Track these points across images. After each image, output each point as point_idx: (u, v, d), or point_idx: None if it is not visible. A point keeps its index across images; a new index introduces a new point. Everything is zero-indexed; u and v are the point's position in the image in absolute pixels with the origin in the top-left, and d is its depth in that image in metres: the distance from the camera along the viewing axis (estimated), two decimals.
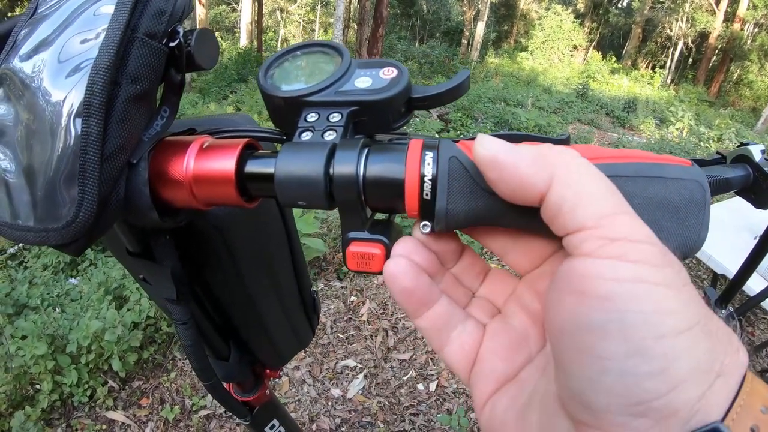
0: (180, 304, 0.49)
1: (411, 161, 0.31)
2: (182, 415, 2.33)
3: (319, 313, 0.81)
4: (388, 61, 0.39)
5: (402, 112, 0.39)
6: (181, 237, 0.49)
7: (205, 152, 0.37)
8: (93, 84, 0.33)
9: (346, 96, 0.38)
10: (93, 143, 0.32)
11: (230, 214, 0.49)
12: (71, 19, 0.36)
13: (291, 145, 0.35)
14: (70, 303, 2.68)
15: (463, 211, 0.31)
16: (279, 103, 0.39)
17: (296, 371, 2.59)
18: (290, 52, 0.43)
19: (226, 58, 13.51)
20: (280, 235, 0.63)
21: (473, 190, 0.30)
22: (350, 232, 0.35)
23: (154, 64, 0.35)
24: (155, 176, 0.37)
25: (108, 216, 0.35)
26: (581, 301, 0.24)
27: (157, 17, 0.36)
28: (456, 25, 26.41)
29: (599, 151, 0.31)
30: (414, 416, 2.40)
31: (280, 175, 0.34)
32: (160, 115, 0.38)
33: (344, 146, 0.33)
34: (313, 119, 0.37)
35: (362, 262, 0.34)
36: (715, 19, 23.27)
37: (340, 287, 3.24)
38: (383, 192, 0.32)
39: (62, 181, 0.33)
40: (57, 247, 0.35)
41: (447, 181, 0.30)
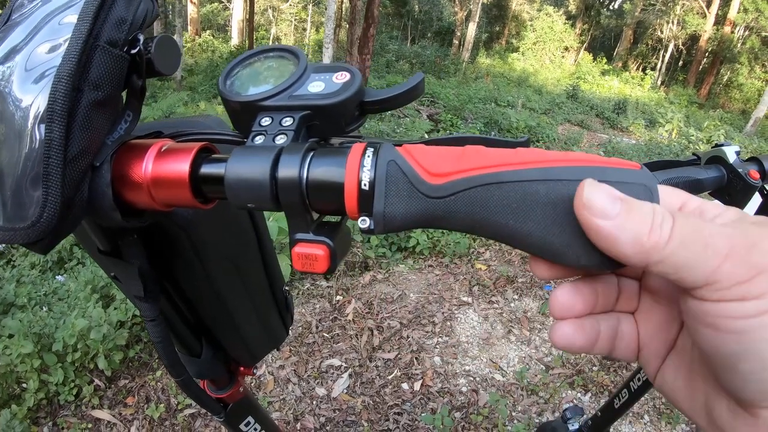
0: (148, 302, 0.51)
1: (351, 165, 0.33)
2: (167, 414, 2.33)
3: (293, 312, 0.82)
4: (342, 66, 0.41)
5: (355, 115, 0.40)
6: (148, 236, 0.51)
7: (163, 156, 0.39)
8: (56, 91, 0.34)
9: (299, 100, 0.39)
10: (55, 148, 0.34)
11: (196, 215, 0.51)
12: (39, 27, 0.38)
13: (241, 149, 0.36)
14: (57, 302, 2.68)
15: (400, 213, 0.32)
16: (236, 108, 0.41)
17: (281, 370, 2.60)
18: (250, 57, 0.45)
19: (217, 57, 13.46)
20: (248, 235, 0.64)
21: (410, 194, 0.31)
22: (296, 234, 0.36)
23: (115, 71, 0.37)
24: (117, 178, 0.39)
25: (73, 216, 0.37)
26: (718, 334, 0.26)
27: (118, 26, 0.37)
28: (447, 25, 26.43)
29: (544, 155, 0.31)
30: (398, 415, 2.42)
31: (230, 177, 0.35)
32: (124, 119, 0.40)
33: (289, 150, 0.35)
34: (267, 123, 0.39)
35: (307, 262, 0.36)
36: (705, 21, 23.39)
37: (326, 287, 3.25)
38: (325, 195, 0.34)
39: (28, 183, 0.35)
40: (24, 245, 0.37)
41: (385, 184, 0.32)
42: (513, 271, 3.65)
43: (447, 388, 2.60)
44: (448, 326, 3.06)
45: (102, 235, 0.48)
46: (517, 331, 3.06)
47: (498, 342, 2.97)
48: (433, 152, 0.33)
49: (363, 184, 0.32)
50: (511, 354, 2.88)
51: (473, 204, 0.30)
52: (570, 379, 2.70)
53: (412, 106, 8.40)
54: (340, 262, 0.37)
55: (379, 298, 3.21)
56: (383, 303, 3.19)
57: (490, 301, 3.33)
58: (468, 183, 0.30)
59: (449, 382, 2.65)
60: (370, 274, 3.45)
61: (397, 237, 3.75)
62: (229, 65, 0.44)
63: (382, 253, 3.63)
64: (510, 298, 3.36)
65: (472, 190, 0.30)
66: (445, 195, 0.31)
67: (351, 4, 9.83)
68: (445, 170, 0.31)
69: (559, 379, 2.70)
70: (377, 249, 3.60)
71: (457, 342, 2.94)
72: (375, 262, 3.56)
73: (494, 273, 3.61)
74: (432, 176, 0.31)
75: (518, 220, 0.30)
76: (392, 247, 3.73)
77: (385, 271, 3.52)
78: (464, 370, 2.73)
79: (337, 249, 0.36)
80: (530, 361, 2.83)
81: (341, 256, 0.37)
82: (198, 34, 18.69)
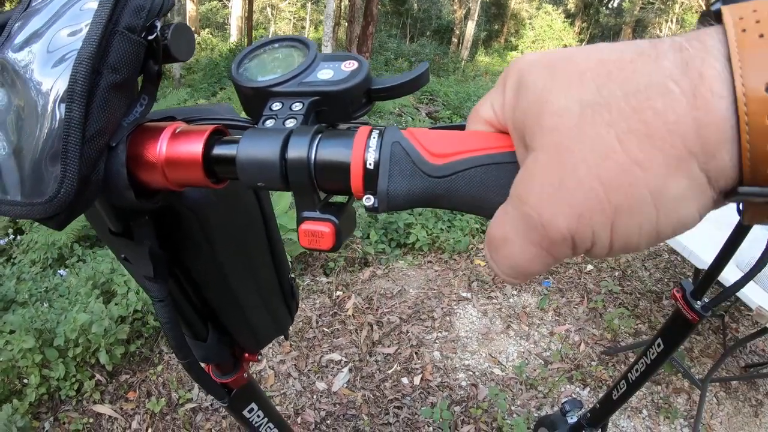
0: (157, 282, 0.52)
1: (357, 146, 0.34)
2: (168, 408, 2.34)
3: (298, 299, 0.83)
4: (351, 55, 0.42)
5: (362, 102, 0.42)
6: (159, 218, 0.52)
7: (177, 137, 0.41)
8: (76, 73, 0.36)
9: (308, 87, 0.41)
10: (75, 126, 0.36)
11: (206, 198, 0.52)
12: (60, 13, 0.40)
13: (253, 131, 0.38)
14: (58, 298, 2.69)
15: (403, 192, 0.33)
16: (248, 93, 0.43)
17: (282, 365, 2.62)
18: (262, 46, 0.47)
19: (216, 55, 13.44)
20: (256, 221, 0.65)
21: (413, 173, 0.33)
22: (304, 212, 0.37)
23: (133, 56, 0.39)
24: (132, 158, 0.41)
25: (88, 194, 0.38)
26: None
27: (137, 12, 0.39)
28: (447, 23, 26.40)
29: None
30: (398, 409, 2.44)
31: (242, 158, 0.37)
32: (140, 102, 0.41)
33: (299, 132, 0.36)
34: (277, 108, 0.40)
35: (313, 239, 0.37)
36: None
37: (326, 282, 3.26)
38: (332, 175, 0.35)
39: (47, 160, 0.37)
40: (40, 220, 0.38)
41: (389, 164, 0.33)
42: None
43: (446, 383, 2.61)
44: (448, 321, 3.07)
45: (114, 216, 0.49)
46: (516, 326, 3.07)
47: (497, 337, 2.98)
48: (435, 135, 0.34)
49: (368, 164, 0.34)
50: (510, 349, 2.90)
51: (472, 183, 0.32)
52: (569, 373, 2.71)
53: (411, 104, 8.40)
54: (345, 239, 0.39)
55: (378, 294, 3.23)
56: (383, 298, 3.20)
57: (489, 297, 3.34)
58: (468, 163, 0.32)
59: (449, 376, 2.66)
60: (370, 269, 3.47)
61: (396, 233, 3.76)
62: (242, 53, 0.46)
63: (382, 249, 3.64)
64: (509, 294, 3.38)
65: (471, 170, 0.32)
66: (447, 174, 0.32)
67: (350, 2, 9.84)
68: (446, 151, 0.32)
69: (557, 373, 2.71)
70: (377, 245, 3.61)
71: (457, 337, 2.95)
72: (374, 258, 3.58)
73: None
74: (434, 157, 0.33)
75: None
76: (392, 243, 3.74)
77: (385, 267, 3.54)
78: (463, 365, 2.75)
79: (342, 227, 0.37)
80: (529, 355, 2.85)
81: (346, 234, 0.39)
82: (197, 32, 18.67)
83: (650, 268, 3.81)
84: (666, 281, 3.63)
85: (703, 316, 1.18)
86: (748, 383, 2.77)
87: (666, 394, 2.62)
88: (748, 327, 3.20)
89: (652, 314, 3.20)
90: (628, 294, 3.43)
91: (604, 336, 3.02)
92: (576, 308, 3.26)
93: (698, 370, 2.78)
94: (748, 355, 3.01)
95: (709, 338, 3.04)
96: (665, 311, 3.24)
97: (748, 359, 2.96)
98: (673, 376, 2.71)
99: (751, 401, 2.66)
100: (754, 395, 2.70)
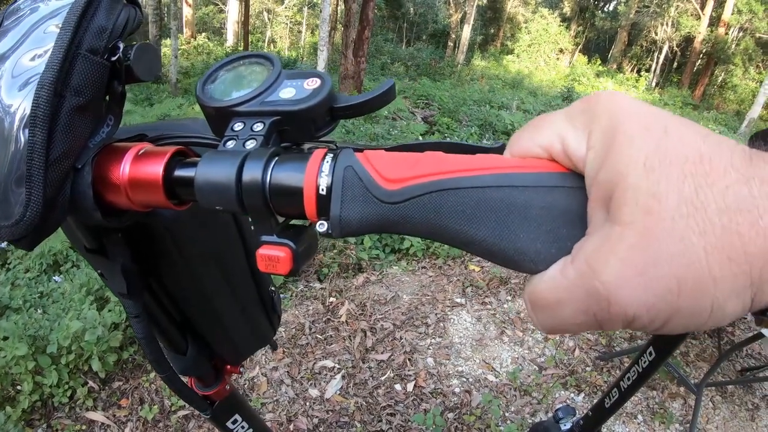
0: (131, 299, 0.52)
1: (310, 170, 0.34)
2: (161, 416, 2.34)
3: (280, 312, 0.83)
4: (314, 72, 0.42)
5: (326, 120, 0.41)
6: (133, 235, 0.52)
7: (140, 159, 0.41)
8: (38, 97, 0.36)
9: (270, 106, 0.40)
10: (38, 150, 0.36)
11: (178, 214, 0.52)
12: (25, 37, 0.40)
13: (211, 153, 0.38)
14: (52, 304, 2.68)
15: (355, 218, 0.32)
16: (211, 113, 0.42)
17: (274, 372, 2.61)
18: (227, 63, 0.46)
19: (213, 59, 13.45)
20: (232, 234, 0.65)
21: (365, 199, 0.32)
22: (261, 236, 0.37)
23: (96, 78, 0.39)
24: (98, 180, 0.41)
25: (55, 215, 0.39)
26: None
27: (99, 34, 0.39)
28: (443, 27, 26.48)
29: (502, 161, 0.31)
30: (391, 416, 2.43)
31: (199, 181, 0.37)
32: (106, 123, 0.41)
33: (254, 156, 0.36)
34: (239, 128, 0.40)
35: (270, 263, 0.37)
36: (700, 23, 23.47)
37: (320, 288, 3.26)
38: (286, 199, 0.35)
39: (13, 183, 0.37)
40: (10, 242, 0.39)
41: (341, 189, 0.33)
42: (506, 272, 3.66)
43: (440, 389, 2.61)
44: (441, 327, 3.07)
45: (88, 233, 0.49)
46: (510, 332, 3.07)
47: (491, 343, 2.98)
48: (390, 158, 0.33)
49: (320, 189, 0.33)
50: (504, 355, 2.90)
51: (427, 210, 0.31)
52: (563, 379, 2.71)
53: (407, 108, 8.41)
54: (304, 264, 0.38)
55: (372, 300, 3.22)
56: (376, 304, 3.20)
57: (484, 303, 3.34)
58: (422, 189, 0.31)
59: (442, 382, 2.66)
60: (364, 275, 3.46)
61: (390, 239, 3.76)
62: (209, 71, 0.46)
63: (376, 254, 3.64)
64: (503, 299, 3.38)
65: (426, 196, 0.30)
66: (400, 201, 0.31)
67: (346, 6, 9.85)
68: (400, 176, 0.31)
69: (552, 379, 2.71)
70: (370, 251, 3.61)
71: (450, 343, 2.95)
72: (368, 263, 3.57)
73: (487, 274, 3.63)
74: (387, 182, 0.32)
75: (473, 226, 0.30)
76: (386, 248, 3.74)
77: (379, 273, 3.53)
78: (457, 371, 2.74)
79: (300, 251, 0.37)
80: (523, 361, 2.85)
81: (305, 258, 0.38)
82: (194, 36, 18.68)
83: None
84: None
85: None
86: (744, 387, 2.77)
87: (661, 399, 2.63)
88: (744, 331, 3.21)
89: None
90: None
91: (599, 341, 3.02)
92: None
93: (694, 374, 2.78)
94: (744, 359, 3.01)
95: (704, 342, 3.04)
96: None
97: (744, 363, 2.97)
98: (668, 380, 2.71)
99: (747, 405, 2.66)
100: (750, 399, 2.70)
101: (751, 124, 14.42)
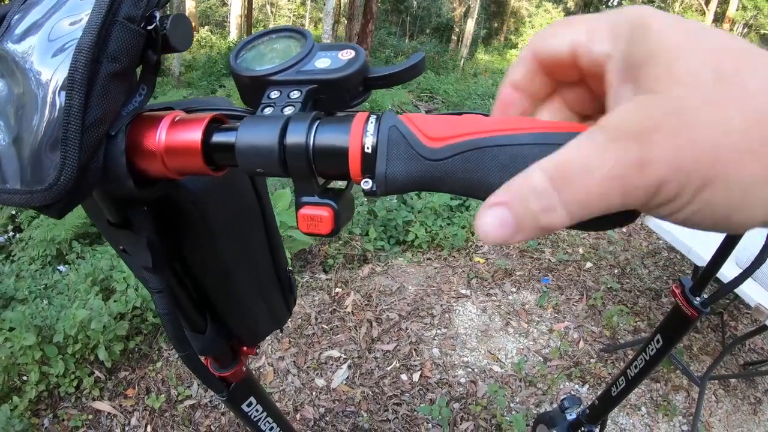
0: (156, 273, 0.53)
1: (355, 131, 0.35)
2: (168, 405, 2.35)
3: (296, 294, 0.84)
4: (348, 45, 0.43)
5: (359, 90, 0.43)
6: (158, 209, 0.52)
7: (176, 125, 0.41)
8: (76, 61, 0.37)
9: (306, 75, 0.41)
10: (75, 114, 0.36)
11: (204, 189, 0.53)
12: (60, 4, 0.40)
13: (251, 118, 0.38)
14: (57, 295, 2.69)
15: (401, 175, 0.33)
16: (246, 82, 0.43)
17: (281, 361, 2.62)
18: (260, 36, 0.47)
19: (215, 53, 13.43)
20: (254, 213, 0.66)
21: (410, 157, 0.33)
22: (303, 197, 0.38)
23: (132, 45, 0.39)
24: (132, 147, 0.41)
25: (87, 182, 0.39)
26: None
27: (136, 2, 0.39)
28: (446, 21, 26.38)
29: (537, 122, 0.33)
30: (397, 406, 2.44)
31: (241, 144, 0.37)
32: (138, 92, 0.42)
33: (297, 118, 0.37)
34: (275, 96, 0.41)
35: (312, 223, 0.38)
36: (704, 19, 23.31)
37: (326, 279, 3.26)
38: (330, 159, 0.36)
39: (47, 148, 0.38)
40: (40, 207, 0.39)
41: (386, 148, 0.34)
42: (511, 264, 3.66)
43: (445, 379, 2.62)
44: (447, 318, 3.07)
45: (113, 207, 0.49)
46: (515, 324, 3.08)
47: (496, 334, 2.99)
48: (431, 119, 0.34)
49: (366, 148, 0.34)
50: (509, 346, 2.90)
51: (468, 166, 0.32)
52: (568, 370, 2.72)
53: (410, 101, 8.40)
54: (344, 224, 0.39)
55: (378, 291, 3.23)
56: (382, 295, 3.20)
57: (489, 294, 3.34)
58: (465, 146, 0.32)
59: (448, 373, 2.66)
60: (369, 266, 3.47)
61: (395, 230, 3.76)
62: (240, 44, 0.47)
63: (381, 246, 3.64)
64: (508, 291, 3.38)
65: (468, 153, 0.32)
66: (443, 157, 0.32)
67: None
68: (443, 135, 0.33)
69: (557, 370, 2.72)
70: (376, 242, 3.61)
71: (456, 334, 2.96)
72: (374, 255, 3.58)
73: (492, 266, 3.63)
74: (431, 140, 0.33)
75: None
76: (391, 240, 3.74)
77: (384, 264, 3.54)
78: (462, 362, 2.75)
79: (341, 211, 0.38)
80: (528, 352, 2.85)
81: (345, 219, 0.39)
82: (196, 29, 18.65)
83: (649, 265, 3.82)
84: (665, 279, 3.63)
85: (702, 312, 1.18)
86: (746, 381, 2.77)
87: (665, 392, 2.63)
88: (747, 325, 3.21)
89: (651, 312, 3.20)
90: (627, 291, 3.43)
91: (603, 333, 3.02)
92: (575, 305, 3.26)
93: (697, 367, 2.78)
94: (747, 353, 3.01)
95: (707, 336, 3.04)
96: (664, 309, 3.24)
97: (747, 357, 2.97)
98: (672, 373, 2.71)
99: (749, 399, 2.67)
100: (752, 393, 2.70)
101: None
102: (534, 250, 3.85)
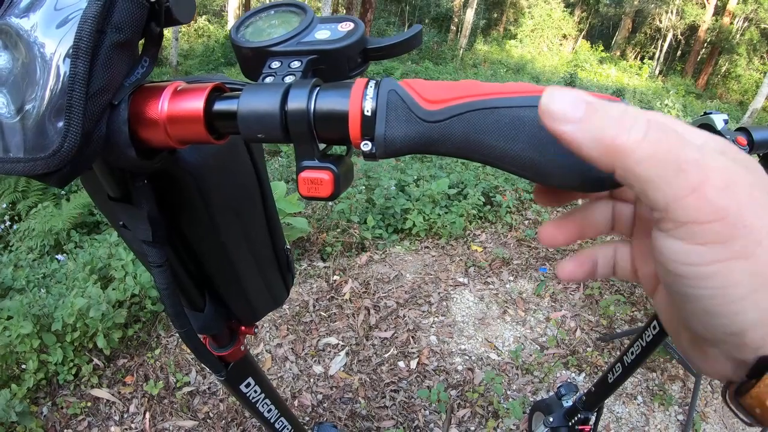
0: (156, 247, 0.53)
1: (354, 95, 0.36)
2: (166, 392, 2.36)
3: (294, 272, 0.84)
4: (347, 17, 0.44)
5: (358, 61, 0.44)
6: (157, 183, 0.53)
7: (178, 94, 0.42)
8: (81, 30, 0.37)
9: (306, 46, 0.43)
10: (79, 81, 0.37)
11: (203, 161, 0.53)
12: None
13: (253, 86, 0.39)
14: (56, 284, 2.69)
15: (399, 137, 0.35)
16: (247, 54, 0.45)
17: (279, 348, 2.63)
18: (260, 11, 0.49)
19: (213, 42, 13.40)
20: (252, 188, 0.66)
21: (409, 119, 0.34)
22: (304, 161, 0.39)
23: (136, 16, 0.40)
24: (134, 117, 0.42)
25: (90, 150, 0.40)
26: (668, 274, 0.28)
27: None
28: (445, 11, 26.26)
29: (533, 87, 0.33)
30: (395, 392, 2.45)
31: (243, 111, 0.38)
32: (141, 64, 0.43)
33: (297, 85, 0.38)
34: (276, 66, 0.42)
35: (312, 186, 0.39)
36: (705, 12, 23.30)
37: (323, 267, 3.27)
38: (330, 123, 0.37)
39: (51, 115, 0.38)
40: (43, 176, 0.39)
41: (385, 111, 0.35)
42: (509, 252, 3.67)
43: (443, 367, 2.63)
44: (444, 306, 3.09)
45: (114, 181, 0.50)
46: (512, 312, 3.09)
47: (493, 322, 3.00)
48: (429, 84, 0.35)
49: (366, 111, 0.35)
50: (507, 334, 2.91)
51: (466, 127, 0.33)
52: (564, 359, 2.73)
53: None
54: (344, 189, 0.40)
55: (375, 279, 3.24)
56: (380, 283, 3.21)
57: (486, 282, 3.35)
58: (462, 108, 0.33)
59: (445, 360, 2.68)
60: (367, 254, 3.47)
61: (393, 218, 3.76)
62: (241, 18, 0.48)
63: (379, 234, 3.64)
64: (505, 280, 3.39)
65: (466, 114, 0.33)
66: (441, 119, 0.33)
67: None
68: (440, 97, 0.34)
69: (553, 359, 2.73)
70: (374, 230, 3.62)
71: (453, 322, 2.97)
72: (372, 243, 3.58)
73: (490, 254, 3.64)
74: (429, 103, 0.34)
75: (508, 142, 0.32)
76: (389, 228, 3.75)
77: (382, 252, 3.54)
78: (460, 349, 2.76)
79: (341, 175, 0.39)
80: (525, 341, 2.87)
81: (345, 184, 0.40)
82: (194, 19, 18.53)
83: None
84: None
85: None
86: None
87: (661, 381, 2.64)
88: None
89: (648, 301, 3.21)
90: (623, 281, 3.44)
91: (600, 322, 3.03)
92: (572, 294, 3.27)
93: None
94: None
95: None
96: None
97: None
98: (668, 363, 2.73)
99: None
100: None
101: (754, 115, 14.32)
102: (532, 239, 3.85)
